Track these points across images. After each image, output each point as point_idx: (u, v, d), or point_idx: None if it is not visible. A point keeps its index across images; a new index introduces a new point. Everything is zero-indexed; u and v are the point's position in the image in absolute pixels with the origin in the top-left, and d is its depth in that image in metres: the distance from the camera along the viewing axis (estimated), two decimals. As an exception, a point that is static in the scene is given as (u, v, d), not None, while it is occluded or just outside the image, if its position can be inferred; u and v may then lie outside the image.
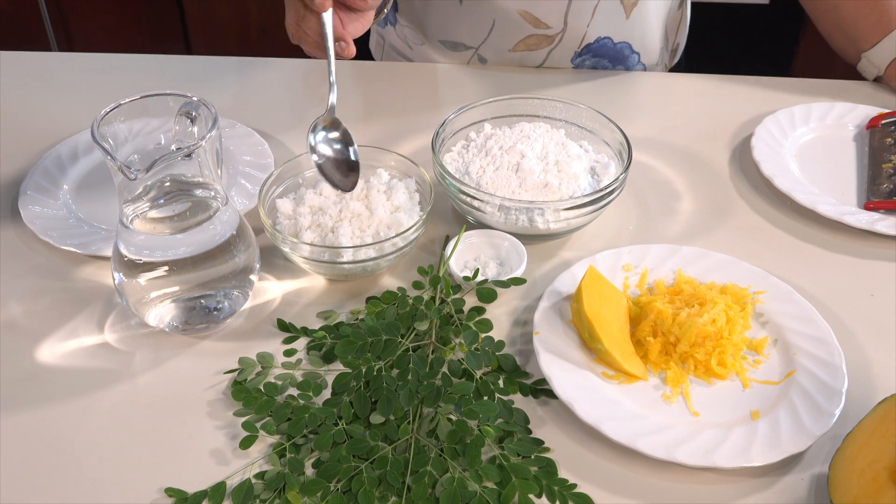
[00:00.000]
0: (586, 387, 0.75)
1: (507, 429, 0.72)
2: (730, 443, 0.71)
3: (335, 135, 0.88)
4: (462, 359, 0.77)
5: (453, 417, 0.72)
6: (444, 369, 0.76)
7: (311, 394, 0.75)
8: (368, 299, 0.85)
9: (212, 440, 0.73)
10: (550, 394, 0.76)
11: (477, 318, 0.82)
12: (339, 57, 0.93)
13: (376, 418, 0.72)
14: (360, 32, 0.96)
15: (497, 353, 0.79)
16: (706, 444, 0.71)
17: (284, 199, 0.90)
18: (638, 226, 0.98)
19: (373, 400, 0.73)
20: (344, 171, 0.87)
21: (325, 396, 0.76)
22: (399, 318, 0.81)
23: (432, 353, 0.78)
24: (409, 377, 0.74)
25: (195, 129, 0.74)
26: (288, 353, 0.80)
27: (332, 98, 0.90)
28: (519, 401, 0.76)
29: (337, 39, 0.92)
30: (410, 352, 0.77)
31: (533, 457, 0.70)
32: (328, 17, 0.91)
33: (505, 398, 0.75)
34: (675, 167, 1.07)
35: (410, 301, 0.83)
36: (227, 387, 0.78)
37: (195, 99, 0.74)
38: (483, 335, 0.80)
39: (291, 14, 0.95)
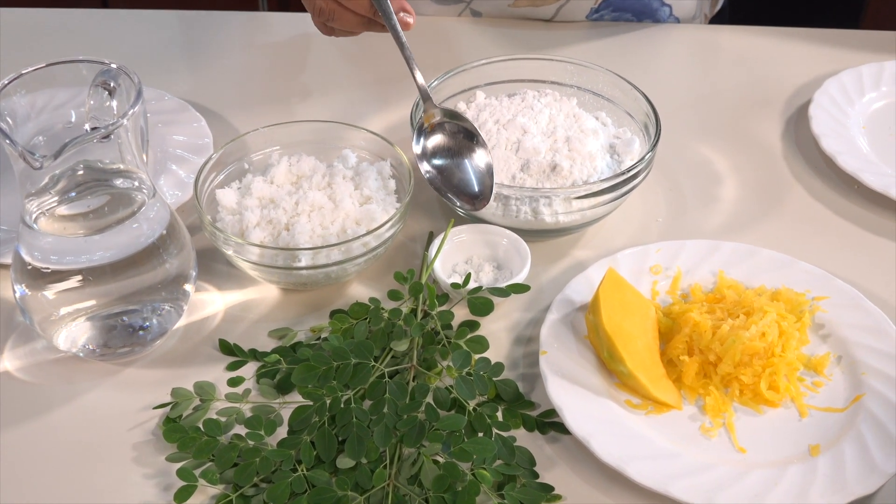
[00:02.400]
0: (606, 419, 0.76)
1: (509, 472, 0.72)
2: (784, 485, 0.72)
3: (448, 138, 0.89)
4: (451, 386, 0.78)
5: (441, 459, 0.73)
6: (429, 399, 0.77)
7: (262, 433, 0.75)
8: (333, 313, 0.86)
9: (140, 492, 0.74)
10: (562, 428, 0.77)
11: (469, 336, 0.82)
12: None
13: (345, 462, 0.72)
14: None
15: (495, 379, 0.80)
16: (755, 487, 0.72)
17: (227, 190, 0.91)
18: (669, 217, 0.99)
19: (340, 439, 0.74)
20: (469, 184, 0.88)
21: (280, 436, 0.76)
22: (372, 336, 0.82)
23: (413, 380, 0.79)
24: (385, 410, 0.75)
25: (114, 103, 0.75)
26: (233, 383, 0.81)
27: (419, 77, 0.91)
28: (522, 437, 0.77)
29: (398, 10, 0.93)
30: (386, 378, 0.78)
31: (540, 507, 0.71)
32: None
33: (505, 434, 0.76)
34: (715, 144, 1.08)
35: (386, 315, 0.83)
36: (158, 425, 0.78)
37: (114, 66, 0.75)
38: (477, 356, 0.81)
39: None
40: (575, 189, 0.88)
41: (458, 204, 0.87)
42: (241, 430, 0.77)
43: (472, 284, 0.86)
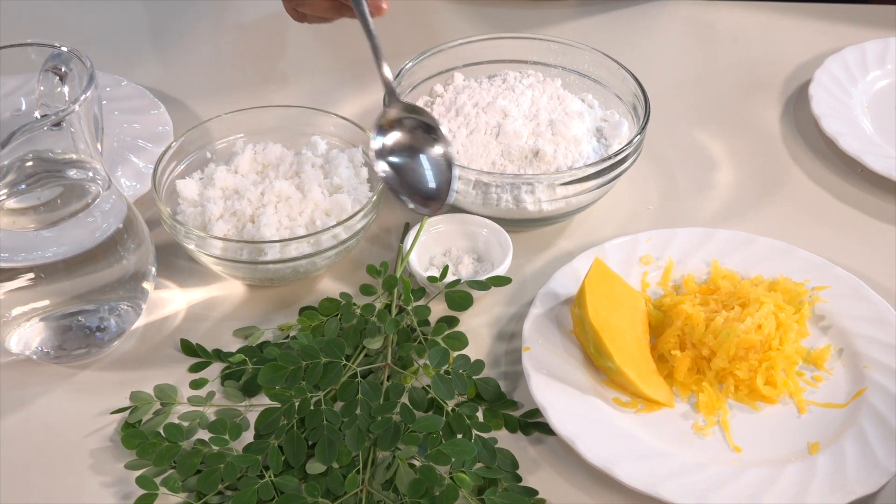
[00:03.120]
0: (593, 418, 0.77)
1: (489, 475, 0.73)
2: (781, 485, 0.72)
3: (408, 136, 0.85)
4: (428, 386, 0.79)
5: (417, 463, 0.73)
6: (405, 400, 0.78)
7: (227, 437, 0.76)
8: (302, 310, 0.87)
9: (97, 502, 0.74)
10: (546, 428, 0.78)
11: (447, 332, 0.83)
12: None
13: (315, 467, 0.73)
14: None
15: (475, 377, 0.80)
16: (750, 487, 0.72)
17: (188, 180, 0.91)
18: (660, 205, 0.99)
19: (310, 443, 0.74)
20: (426, 185, 0.84)
21: (246, 440, 0.76)
22: (343, 334, 0.82)
23: (388, 380, 0.79)
24: (358, 412, 0.75)
25: (66, 89, 0.75)
26: (196, 385, 0.81)
27: (385, 71, 0.87)
28: (504, 439, 0.77)
29: None
30: (359, 378, 0.78)
31: (523, 511, 0.72)
32: None
33: (485, 436, 0.76)
34: (710, 126, 1.09)
35: (358, 311, 0.84)
36: (117, 431, 0.78)
37: (65, 49, 0.75)
38: (455, 354, 0.81)
39: None
40: (559, 175, 0.88)
41: (413, 207, 0.83)
42: (204, 434, 0.77)
43: (450, 277, 0.86)
